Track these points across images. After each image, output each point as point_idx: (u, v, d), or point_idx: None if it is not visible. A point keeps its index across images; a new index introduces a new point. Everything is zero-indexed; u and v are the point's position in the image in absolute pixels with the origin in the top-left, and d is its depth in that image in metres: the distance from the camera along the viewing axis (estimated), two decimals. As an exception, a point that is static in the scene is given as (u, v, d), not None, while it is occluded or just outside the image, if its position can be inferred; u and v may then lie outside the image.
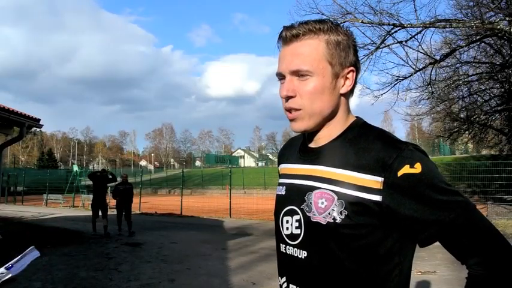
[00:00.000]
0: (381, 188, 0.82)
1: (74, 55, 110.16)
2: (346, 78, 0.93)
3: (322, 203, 0.87)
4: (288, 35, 0.91)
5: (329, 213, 0.85)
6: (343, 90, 0.93)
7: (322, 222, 0.86)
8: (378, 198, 0.82)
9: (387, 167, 0.82)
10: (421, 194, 0.80)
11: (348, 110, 0.97)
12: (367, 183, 0.83)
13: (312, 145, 0.97)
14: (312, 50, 0.89)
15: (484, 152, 30.41)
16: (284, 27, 0.94)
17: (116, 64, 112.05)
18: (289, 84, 0.91)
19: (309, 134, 0.98)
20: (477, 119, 14.99)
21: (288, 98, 0.92)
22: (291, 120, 0.94)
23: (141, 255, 6.79)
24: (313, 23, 0.91)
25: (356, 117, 0.98)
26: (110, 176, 10.65)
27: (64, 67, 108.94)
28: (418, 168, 0.81)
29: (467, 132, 16.78)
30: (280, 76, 0.94)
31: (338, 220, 0.84)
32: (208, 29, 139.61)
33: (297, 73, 0.90)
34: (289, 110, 0.93)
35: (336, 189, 0.86)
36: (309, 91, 0.89)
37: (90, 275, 5.35)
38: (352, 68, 0.93)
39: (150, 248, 7.41)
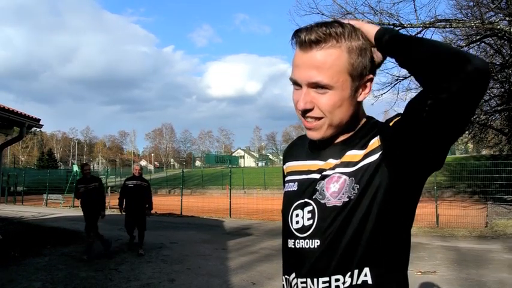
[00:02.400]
0: (380, 143, 0.88)
1: (75, 55, 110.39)
2: (365, 86, 0.92)
3: (335, 186, 0.89)
4: (307, 40, 0.86)
5: (343, 194, 0.88)
6: (360, 98, 0.92)
7: (339, 204, 0.88)
8: (379, 152, 0.88)
9: (383, 127, 0.91)
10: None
11: (363, 112, 0.98)
12: (371, 148, 0.89)
13: (323, 143, 0.98)
14: (333, 62, 0.86)
15: (484, 152, 30.42)
16: (303, 29, 0.88)
17: (117, 64, 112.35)
18: (306, 97, 0.89)
19: None
20: (477, 119, 14.98)
21: (305, 111, 0.90)
22: (309, 129, 0.93)
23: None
24: (335, 26, 0.87)
25: (367, 117, 0.99)
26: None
27: (65, 67, 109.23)
28: None
29: (467, 132, 16.78)
30: (295, 83, 0.92)
31: (352, 197, 0.87)
32: (209, 29, 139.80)
33: (315, 85, 0.87)
34: (306, 120, 0.92)
35: (345, 170, 0.90)
36: (328, 105, 0.88)
37: (90, 275, 5.35)
38: (371, 76, 0.92)
39: (150, 248, 7.40)
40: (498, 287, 4.67)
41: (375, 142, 0.89)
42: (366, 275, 0.86)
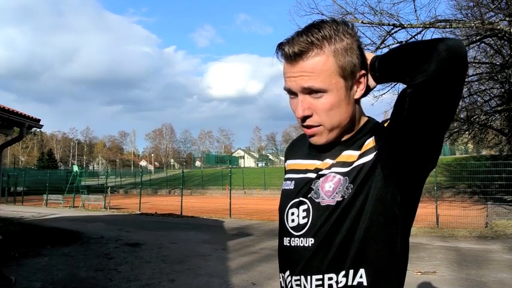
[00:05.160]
0: (374, 144, 0.90)
1: (77, 56, 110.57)
2: (359, 82, 0.92)
3: (330, 186, 0.90)
4: (291, 53, 0.86)
5: (337, 193, 0.88)
6: (357, 96, 0.92)
7: (332, 204, 0.88)
8: (374, 152, 0.89)
9: (379, 128, 0.93)
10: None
11: (361, 112, 0.98)
12: (366, 148, 0.90)
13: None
14: (321, 68, 0.86)
15: (484, 152, 30.45)
16: (285, 42, 0.89)
17: (119, 65, 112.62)
18: (303, 104, 0.89)
19: None
20: (477, 119, 14.99)
21: (304, 118, 0.90)
22: (310, 136, 0.94)
23: (141, 255, 6.79)
24: (314, 33, 0.86)
25: (368, 117, 0.99)
26: None
27: (66, 67, 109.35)
28: None
29: (467, 132, 16.80)
30: (290, 92, 0.92)
31: (346, 196, 0.87)
32: (211, 30, 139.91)
33: (309, 89, 0.88)
34: (307, 127, 0.92)
35: (340, 170, 0.90)
36: (326, 108, 0.88)
37: (90, 275, 5.35)
38: (363, 71, 0.91)
39: (150, 248, 7.40)
40: (498, 287, 4.67)
41: (370, 142, 0.90)
42: (361, 276, 0.86)
